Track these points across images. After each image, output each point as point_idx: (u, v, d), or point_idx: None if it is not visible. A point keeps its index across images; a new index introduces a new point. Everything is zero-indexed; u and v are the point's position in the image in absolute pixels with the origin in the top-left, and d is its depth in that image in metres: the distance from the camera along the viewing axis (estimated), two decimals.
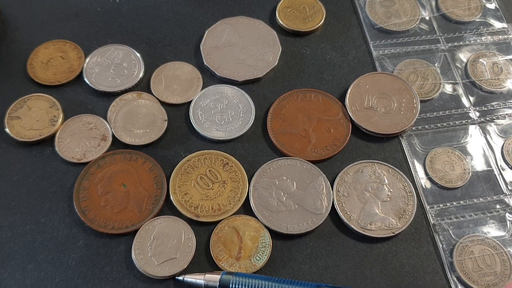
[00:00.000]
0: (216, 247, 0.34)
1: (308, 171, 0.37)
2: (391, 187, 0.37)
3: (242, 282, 0.31)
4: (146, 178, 0.36)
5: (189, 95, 0.40)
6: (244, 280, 0.31)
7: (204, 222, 0.35)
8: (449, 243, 0.35)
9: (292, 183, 0.36)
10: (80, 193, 0.35)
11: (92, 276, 0.33)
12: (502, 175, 0.38)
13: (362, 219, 0.35)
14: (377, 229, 0.35)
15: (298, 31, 0.43)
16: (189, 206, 0.35)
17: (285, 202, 0.36)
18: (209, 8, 0.44)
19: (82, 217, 0.35)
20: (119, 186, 0.36)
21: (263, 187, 0.36)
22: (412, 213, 0.35)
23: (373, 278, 0.34)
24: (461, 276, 0.34)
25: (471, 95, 0.41)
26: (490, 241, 0.35)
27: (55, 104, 0.39)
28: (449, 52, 0.43)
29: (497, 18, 0.45)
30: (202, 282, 0.31)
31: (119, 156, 0.37)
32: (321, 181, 0.36)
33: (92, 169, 0.36)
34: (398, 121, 0.39)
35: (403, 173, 0.37)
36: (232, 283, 0.31)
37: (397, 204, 0.36)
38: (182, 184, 0.36)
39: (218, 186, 0.36)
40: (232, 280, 0.31)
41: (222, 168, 0.37)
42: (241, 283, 0.31)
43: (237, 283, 0.31)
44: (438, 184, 0.37)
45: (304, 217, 0.35)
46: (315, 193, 0.36)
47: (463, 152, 0.38)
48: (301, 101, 0.40)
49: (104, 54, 0.41)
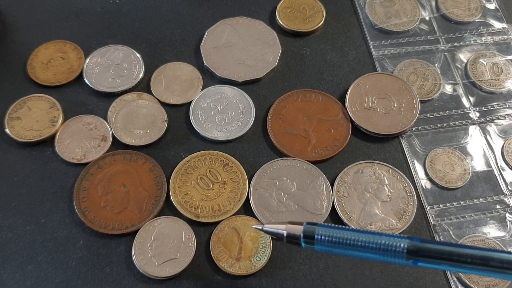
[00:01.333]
0: (216, 247, 0.34)
1: (308, 172, 0.37)
2: (391, 187, 0.37)
3: (327, 232, 0.28)
4: (146, 178, 0.36)
5: (189, 95, 0.40)
6: (328, 231, 0.28)
7: (204, 223, 0.35)
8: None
9: (292, 184, 0.36)
10: (80, 193, 0.35)
11: (92, 277, 0.33)
12: (502, 176, 0.38)
13: (362, 220, 0.35)
14: (377, 229, 0.35)
15: (298, 31, 0.43)
16: (189, 206, 0.35)
17: (285, 203, 0.36)
18: (209, 9, 0.44)
19: (82, 218, 0.35)
20: (119, 187, 0.36)
21: (263, 187, 0.36)
22: (412, 214, 0.35)
23: (373, 278, 0.34)
24: (461, 276, 0.34)
25: (471, 95, 0.41)
26: (490, 242, 0.35)
27: (55, 104, 0.39)
28: (449, 52, 0.43)
29: (497, 18, 0.45)
30: (283, 232, 0.29)
31: (119, 157, 0.37)
32: (321, 182, 0.36)
33: (92, 170, 0.36)
34: (398, 122, 0.39)
35: (403, 174, 0.37)
36: (317, 234, 0.28)
37: (397, 204, 0.36)
38: (182, 185, 0.36)
39: (218, 187, 0.36)
40: (317, 231, 0.28)
41: (222, 168, 0.37)
42: (326, 233, 0.28)
43: (321, 234, 0.28)
44: (438, 185, 0.37)
45: (304, 217, 0.35)
46: (315, 193, 0.36)
47: (463, 153, 0.38)
48: (301, 101, 0.40)
49: (104, 55, 0.41)
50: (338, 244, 0.27)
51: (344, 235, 0.27)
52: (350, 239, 0.27)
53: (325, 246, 0.28)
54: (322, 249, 0.28)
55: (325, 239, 0.27)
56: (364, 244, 0.27)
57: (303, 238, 0.28)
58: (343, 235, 0.27)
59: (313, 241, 0.28)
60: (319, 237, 0.27)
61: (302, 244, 0.28)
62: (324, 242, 0.27)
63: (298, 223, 0.28)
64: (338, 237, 0.27)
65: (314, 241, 0.28)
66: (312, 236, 0.28)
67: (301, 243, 0.28)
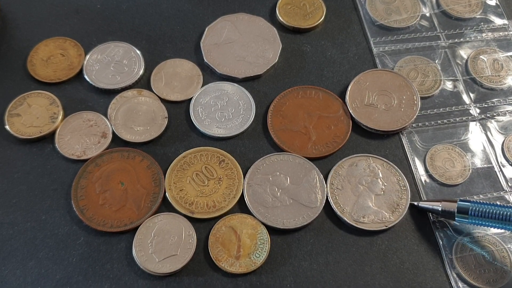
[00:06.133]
0: (215, 247, 0.34)
1: (301, 165, 0.37)
2: (385, 181, 0.37)
3: (480, 208, 0.33)
4: (144, 176, 0.36)
5: (189, 92, 0.40)
6: (481, 207, 0.33)
7: (204, 219, 0.35)
8: (449, 240, 0.35)
9: (286, 178, 0.36)
10: (78, 191, 0.35)
11: (93, 273, 0.33)
12: (502, 172, 0.38)
13: (355, 212, 0.35)
14: (370, 222, 0.35)
15: (299, 28, 0.43)
16: (184, 202, 0.35)
17: (280, 198, 0.36)
18: (209, 5, 0.44)
19: (80, 216, 0.35)
20: (117, 184, 0.36)
21: (257, 183, 0.36)
22: (405, 207, 0.36)
23: (373, 274, 0.34)
24: (461, 272, 0.34)
25: (471, 91, 0.41)
26: (490, 238, 0.35)
27: (55, 101, 0.39)
28: (449, 48, 0.43)
29: (498, 14, 0.45)
30: (439, 208, 0.34)
31: (116, 154, 0.37)
32: (314, 175, 0.36)
33: (89, 168, 0.36)
34: (398, 118, 0.39)
35: (398, 167, 0.37)
36: (470, 210, 0.33)
37: (391, 198, 0.36)
38: (178, 181, 0.36)
39: (214, 183, 0.36)
40: (471, 207, 0.33)
41: (218, 165, 0.37)
42: (480, 210, 0.33)
43: (475, 210, 0.33)
44: (438, 181, 0.37)
45: (299, 211, 0.35)
46: (309, 186, 0.36)
47: (464, 149, 0.38)
48: (301, 98, 0.40)
49: (104, 52, 0.41)
50: (488, 218, 0.33)
51: (493, 210, 0.33)
52: (498, 213, 0.32)
53: (476, 220, 0.33)
54: (474, 222, 0.33)
55: (477, 214, 0.33)
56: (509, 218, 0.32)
57: (457, 213, 0.34)
58: (492, 210, 0.33)
59: (467, 216, 0.33)
60: (472, 213, 0.33)
61: (456, 219, 0.34)
62: (477, 216, 0.33)
63: (452, 201, 0.34)
64: (488, 212, 0.33)
65: (468, 216, 0.33)
66: (466, 211, 0.33)
67: (455, 217, 0.34)
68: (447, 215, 0.34)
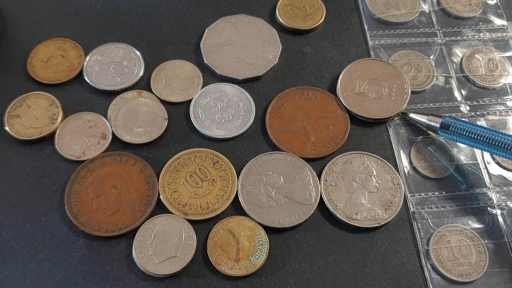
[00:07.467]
0: (214, 251, 0.34)
1: (293, 164, 0.37)
2: (379, 178, 0.37)
3: (461, 126, 0.35)
4: (137, 179, 0.36)
5: (189, 93, 0.40)
6: (463, 125, 0.35)
7: (202, 220, 0.35)
8: (426, 231, 0.35)
9: (279, 177, 0.36)
10: (71, 197, 0.35)
11: (93, 275, 0.33)
12: (487, 169, 0.38)
13: (348, 209, 0.35)
14: (363, 219, 0.35)
15: (298, 29, 0.43)
16: (177, 204, 0.35)
17: (275, 197, 0.36)
18: (209, 6, 0.44)
19: (74, 221, 0.34)
20: (110, 189, 0.36)
21: (251, 184, 0.36)
22: (398, 205, 0.36)
23: (373, 276, 0.34)
24: (435, 263, 0.34)
25: (463, 89, 0.41)
26: (468, 232, 0.35)
27: (54, 102, 0.39)
28: (445, 46, 0.43)
29: (498, 15, 0.45)
30: (425, 120, 0.37)
31: (109, 159, 0.37)
32: (306, 172, 0.36)
33: (82, 173, 0.36)
34: (388, 106, 0.39)
35: (392, 165, 0.37)
36: (452, 126, 0.35)
37: (384, 195, 0.36)
38: (172, 182, 0.36)
39: (208, 184, 0.36)
40: (453, 124, 0.35)
41: (212, 166, 0.37)
42: (460, 127, 0.35)
43: (456, 127, 0.35)
44: (422, 174, 0.37)
45: (294, 209, 0.35)
46: (302, 184, 0.36)
47: (450, 144, 0.38)
48: (299, 99, 0.40)
49: (104, 53, 0.41)
50: (467, 137, 0.35)
51: (476, 130, 0.35)
52: (478, 134, 0.34)
53: (456, 136, 0.35)
54: (454, 138, 0.36)
55: (457, 131, 0.35)
56: (487, 140, 0.34)
57: (440, 128, 0.36)
58: (475, 130, 0.35)
59: (448, 131, 0.36)
60: (453, 129, 0.35)
61: (439, 132, 0.36)
62: (457, 133, 0.35)
63: (438, 116, 0.37)
64: (470, 130, 0.35)
65: (448, 131, 0.36)
66: (448, 127, 0.36)
67: (438, 131, 0.36)
68: (432, 129, 0.37)
